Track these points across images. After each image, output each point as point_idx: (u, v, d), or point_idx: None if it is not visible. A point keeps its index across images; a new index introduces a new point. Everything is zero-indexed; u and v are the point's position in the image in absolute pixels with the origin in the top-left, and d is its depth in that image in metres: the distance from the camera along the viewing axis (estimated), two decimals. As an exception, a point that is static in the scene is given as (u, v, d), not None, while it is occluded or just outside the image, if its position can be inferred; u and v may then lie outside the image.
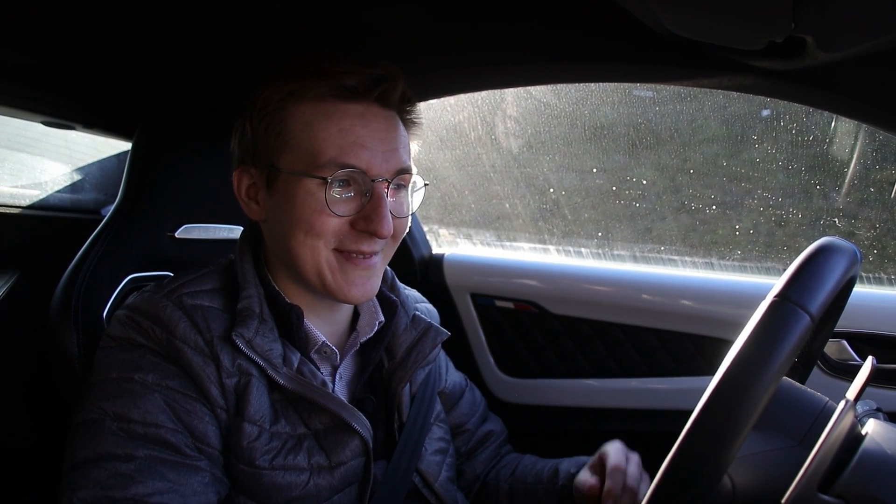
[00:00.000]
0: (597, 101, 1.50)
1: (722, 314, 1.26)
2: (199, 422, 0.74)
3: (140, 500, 0.67)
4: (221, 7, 0.91)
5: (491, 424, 1.16)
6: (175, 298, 0.78)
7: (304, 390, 0.78)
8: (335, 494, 0.81)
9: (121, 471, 0.69)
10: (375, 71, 0.79)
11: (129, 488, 0.68)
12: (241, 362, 0.77)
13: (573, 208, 1.69)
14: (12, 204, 1.40)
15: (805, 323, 0.52)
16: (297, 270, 0.81)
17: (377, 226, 0.77)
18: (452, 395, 1.09)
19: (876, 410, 0.70)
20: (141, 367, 0.75)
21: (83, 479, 0.69)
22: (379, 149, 0.78)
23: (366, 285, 0.82)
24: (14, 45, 0.94)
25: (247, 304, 0.80)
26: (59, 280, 0.95)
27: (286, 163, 0.79)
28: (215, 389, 0.76)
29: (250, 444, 0.76)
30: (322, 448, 0.81)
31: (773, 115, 1.34)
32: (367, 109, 0.79)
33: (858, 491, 0.56)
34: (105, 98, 1.18)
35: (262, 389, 0.78)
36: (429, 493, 0.92)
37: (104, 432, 0.71)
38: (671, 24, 0.71)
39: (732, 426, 0.51)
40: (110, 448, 0.70)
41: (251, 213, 0.85)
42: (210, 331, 0.77)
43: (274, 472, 0.77)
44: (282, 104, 0.79)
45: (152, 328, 0.76)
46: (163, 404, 0.73)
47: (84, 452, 0.71)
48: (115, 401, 0.73)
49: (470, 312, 1.57)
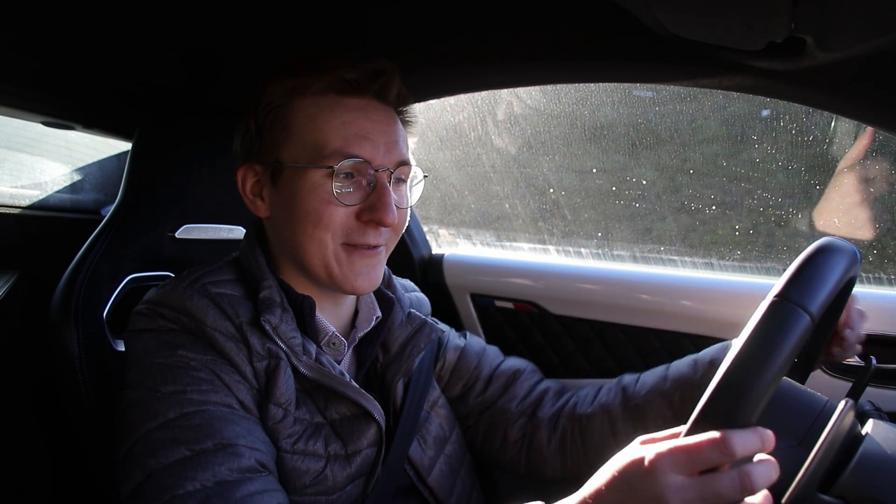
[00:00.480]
0: (597, 101, 1.50)
1: (722, 314, 1.26)
2: (241, 391, 0.76)
3: (228, 443, 0.68)
4: (222, 7, 0.91)
5: (513, 362, 1.11)
6: (199, 287, 0.80)
7: (324, 378, 0.80)
8: (349, 484, 0.82)
9: (195, 423, 0.69)
10: (374, 65, 0.81)
11: (214, 436, 0.68)
12: (270, 346, 0.79)
13: (573, 208, 1.69)
14: (12, 204, 1.40)
15: (805, 323, 0.52)
16: (303, 264, 0.82)
17: (382, 214, 0.78)
18: (452, 360, 1.07)
19: (876, 410, 0.70)
20: (182, 345, 0.76)
21: (157, 443, 0.68)
22: (381, 140, 0.81)
23: (371, 275, 0.83)
24: (14, 46, 0.94)
25: (268, 293, 0.82)
26: (59, 280, 0.95)
27: (291, 157, 0.80)
28: (249, 371, 0.77)
29: (274, 425, 0.77)
30: (339, 436, 0.82)
31: (773, 115, 1.34)
32: (367, 103, 0.82)
33: (858, 491, 0.56)
34: (105, 98, 1.19)
35: (289, 373, 0.80)
36: (423, 488, 0.93)
37: (161, 401, 0.72)
38: (671, 24, 0.71)
39: (732, 426, 0.51)
40: (177, 409, 0.70)
41: (256, 210, 0.87)
42: (238, 316, 0.78)
43: (294, 455, 0.78)
44: (285, 100, 0.81)
45: (179, 317, 0.78)
46: (210, 374, 0.74)
47: (147, 424, 0.70)
48: (164, 379, 0.73)
49: (470, 312, 1.57)
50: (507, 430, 1.04)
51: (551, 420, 1.02)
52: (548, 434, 1.01)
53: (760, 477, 0.51)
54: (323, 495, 0.79)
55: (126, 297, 1.01)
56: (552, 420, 1.02)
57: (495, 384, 1.07)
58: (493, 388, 1.06)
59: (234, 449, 0.69)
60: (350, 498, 0.83)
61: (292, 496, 0.77)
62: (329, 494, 0.80)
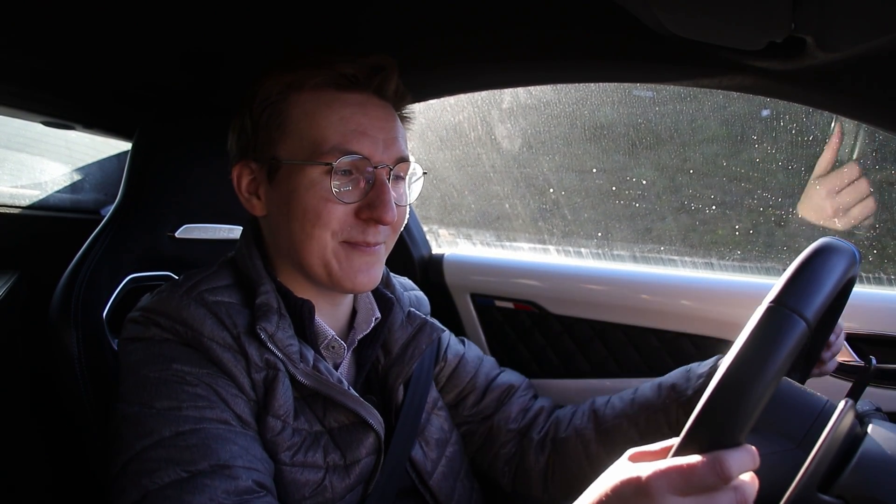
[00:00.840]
0: (597, 101, 1.49)
1: (722, 314, 1.26)
2: (238, 405, 0.74)
3: (225, 465, 0.67)
4: (222, 7, 0.91)
5: (508, 377, 1.11)
6: (196, 296, 0.78)
7: (322, 387, 0.79)
8: (348, 493, 0.81)
9: (191, 443, 0.67)
10: (373, 61, 0.80)
11: (210, 456, 0.67)
12: (268, 357, 0.77)
13: (573, 208, 1.69)
14: (12, 204, 1.40)
15: (801, 329, 0.51)
16: (301, 263, 0.80)
17: (382, 212, 0.77)
18: (451, 364, 1.07)
19: (876, 410, 0.70)
20: (177, 359, 0.74)
21: (152, 463, 0.66)
22: (380, 137, 0.79)
23: (370, 272, 0.82)
24: (14, 46, 0.94)
25: (265, 299, 0.80)
26: (59, 280, 0.95)
27: (288, 153, 0.79)
28: (247, 382, 0.76)
29: (273, 437, 0.76)
30: (337, 446, 0.81)
31: (773, 115, 1.34)
32: (367, 99, 0.80)
33: (858, 491, 0.56)
34: (105, 98, 1.19)
35: (287, 384, 0.78)
36: (424, 490, 0.92)
37: (156, 418, 0.69)
38: (671, 24, 0.71)
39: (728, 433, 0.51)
40: (172, 427, 0.68)
41: (252, 209, 0.85)
42: (236, 326, 0.77)
43: (294, 468, 0.77)
44: (282, 95, 0.79)
45: (175, 327, 0.76)
46: (207, 389, 0.73)
47: (142, 441, 0.68)
48: (158, 394, 0.71)
49: (470, 312, 1.56)
50: (499, 447, 1.04)
51: (540, 443, 1.03)
52: (535, 456, 1.02)
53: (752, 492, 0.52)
54: None
55: (126, 297, 1.01)
56: (541, 443, 1.03)
57: (489, 397, 1.07)
58: (487, 401, 1.06)
59: (230, 471, 0.67)
60: None
61: None
62: None
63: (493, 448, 1.05)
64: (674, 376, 0.96)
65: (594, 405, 1.02)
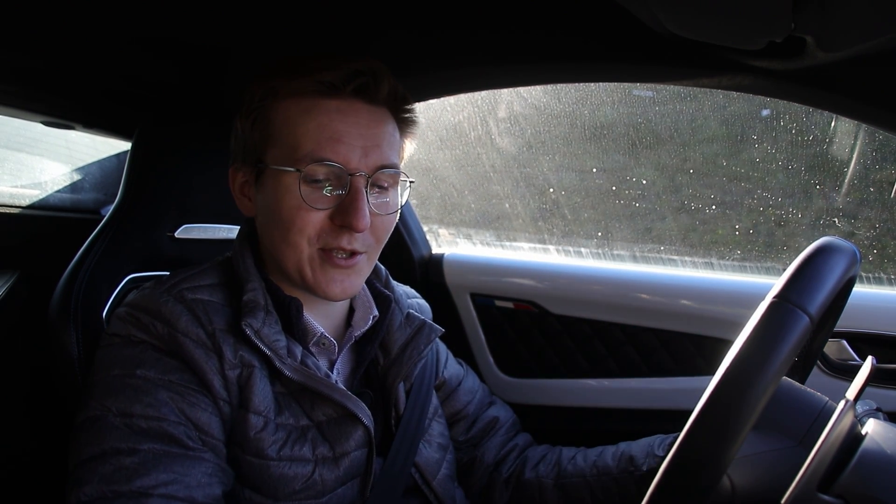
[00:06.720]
0: (597, 101, 1.50)
1: (722, 314, 1.26)
2: (202, 413, 0.74)
3: (145, 492, 0.67)
4: (222, 7, 0.91)
5: (496, 411, 1.14)
6: (176, 293, 0.79)
7: (309, 381, 0.79)
8: (339, 486, 0.82)
9: (125, 465, 0.69)
10: (353, 66, 0.79)
11: (134, 481, 0.68)
12: (243, 354, 0.78)
13: (573, 208, 1.69)
14: (12, 204, 1.40)
15: (804, 324, 0.52)
16: (280, 266, 0.82)
17: (353, 219, 0.77)
18: (450, 384, 1.09)
19: (876, 410, 0.70)
20: (143, 363, 0.75)
21: (89, 474, 0.69)
22: (358, 144, 0.78)
23: (345, 282, 0.82)
24: (14, 46, 0.94)
25: (252, 296, 0.81)
26: (59, 280, 0.95)
27: (271, 158, 0.80)
28: (218, 381, 0.76)
29: (257, 434, 0.76)
30: (326, 439, 0.81)
31: (773, 115, 1.34)
32: (349, 105, 0.79)
33: (858, 491, 0.56)
34: (105, 98, 1.18)
35: (265, 381, 0.79)
36: (427, 491, 0.93)
37: (108, 428, 0.71)
38: (671, 24, 0.71)
39: (732, 427, 0.51)
40: (114, 443, 0.70)
41: (245, 209, 0.87)
42: (212, 323, 0.78)
43: (281, 462, 0.77)
44: (265, 101, 0.81)
45: (153, 323, 0.77)
46: (165, 398, 0.73)
47: (89, 449, 0.71)
48: (117, 397, 0.73)
49: (470, 312, 1.56)
50: (474, 478, 1.08)
51: (506, 480, 1.07)
52: (500, 492, 1.06)
53: None
54: (313, 499, 0.79)
55: (125, 296, 1.01)
56: (506, 480, 1.07)
57: (477, 426, 1.11)
58: (474, 431, 1.10)
59: (146, 500, 0.67)
60: (343, 500, 0.82)
61: (282, 502, 0.77)
62: (319, 498, 0.80)
63: (470, 476, 1.09)
64: (637, 447, 1.00)
65: (561, 456, 1.07)
